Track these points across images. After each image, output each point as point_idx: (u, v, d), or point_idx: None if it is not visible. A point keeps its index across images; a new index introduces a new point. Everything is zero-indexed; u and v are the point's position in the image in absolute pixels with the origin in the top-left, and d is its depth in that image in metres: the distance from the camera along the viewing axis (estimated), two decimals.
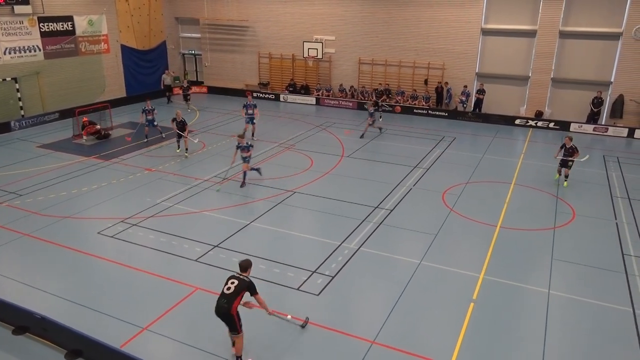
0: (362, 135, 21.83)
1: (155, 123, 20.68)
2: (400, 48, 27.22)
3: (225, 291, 7.80)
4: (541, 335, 8.94)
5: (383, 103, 26.15)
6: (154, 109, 20.75)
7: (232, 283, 7.83)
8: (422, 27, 26.36)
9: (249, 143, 15.75)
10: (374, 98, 26.08)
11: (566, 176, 16.14)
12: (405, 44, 27.04)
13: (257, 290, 7.94)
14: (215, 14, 31.46)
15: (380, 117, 25.00)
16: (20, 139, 21.25)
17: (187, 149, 18.80)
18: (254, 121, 20.81)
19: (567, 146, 15.81)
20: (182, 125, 18.53)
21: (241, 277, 7.92)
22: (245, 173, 15.84)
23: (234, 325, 7.90)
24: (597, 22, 23.15)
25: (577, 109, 24.36)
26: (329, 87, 29.56)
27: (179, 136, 18.83)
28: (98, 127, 21.16)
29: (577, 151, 15.82)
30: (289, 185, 15.92)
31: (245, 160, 15.73)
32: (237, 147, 15.62)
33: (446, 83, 26.33)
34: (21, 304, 9.09)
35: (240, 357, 8.14)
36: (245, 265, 8.02)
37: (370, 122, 21.61)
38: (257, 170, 16.18)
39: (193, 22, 32.52)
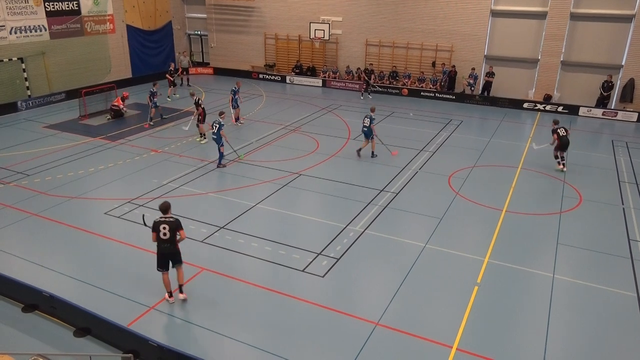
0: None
1: (158, 105, 20.80)
2: (408, 29, 26.87)
3: (163, 237, 8.72)
4: (545, 319, 8.97)
5: (373, 83, 26.53)
6: (157, 91, 20.90)
7: (165, 228, 8.69)
8: (430, 8, 25.98)
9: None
10: (365, 77, 26.23)
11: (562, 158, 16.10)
12: (413, 26, 26.69)
13: (182, 227, 8.88)
14: None
15: (370, 94, 26.10)
16: (26, 119, 21.30)
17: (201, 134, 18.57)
18: (239, 104, 20.96)
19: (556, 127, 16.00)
20: (196, 105, 18.57)
21: (168, 219, 8.76)
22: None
23: (179, 257, 9.01)
24: (609, 3, 22.70)
25: (586, 92, 24.06)
26: (336, 69, 29.30)
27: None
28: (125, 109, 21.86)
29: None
30: (295, 168, 15.92)
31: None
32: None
33: (453, 66, 26.11)
34: (30, 282, 9.23)
35: (183, 285, 9.21)
36: (165, 207, 8.86)
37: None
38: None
39: (199, 2, 32.18)
